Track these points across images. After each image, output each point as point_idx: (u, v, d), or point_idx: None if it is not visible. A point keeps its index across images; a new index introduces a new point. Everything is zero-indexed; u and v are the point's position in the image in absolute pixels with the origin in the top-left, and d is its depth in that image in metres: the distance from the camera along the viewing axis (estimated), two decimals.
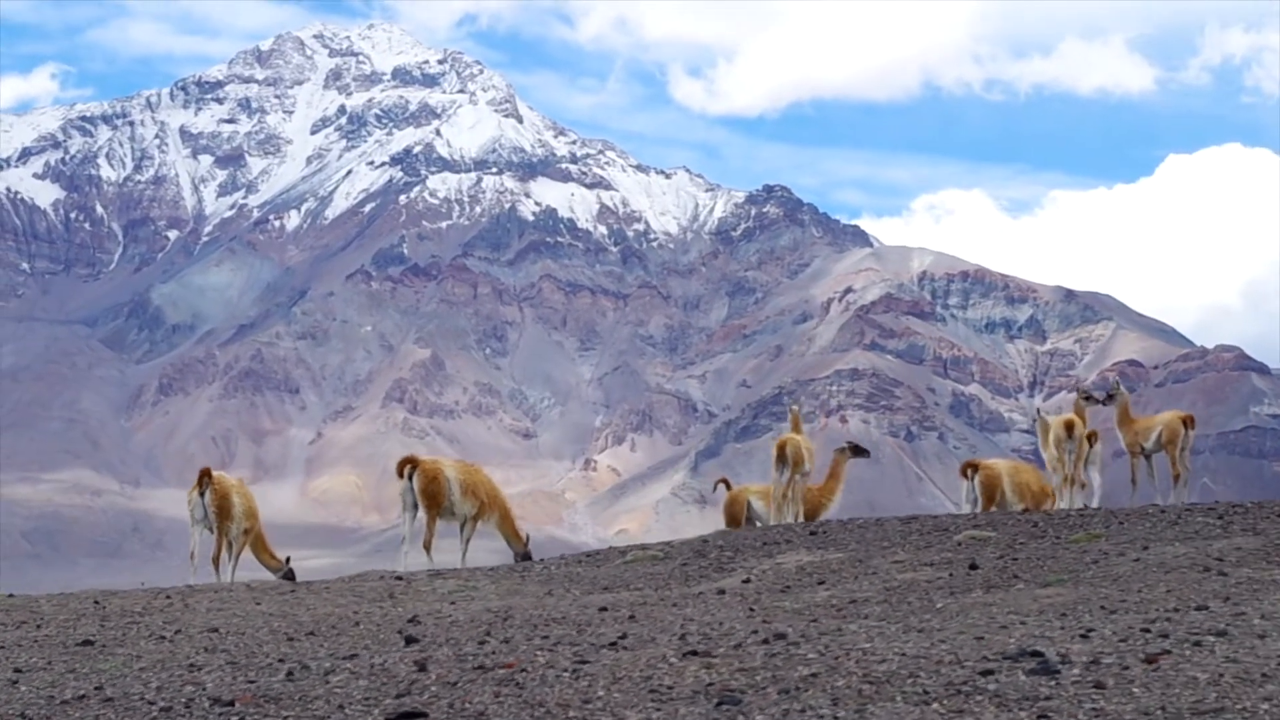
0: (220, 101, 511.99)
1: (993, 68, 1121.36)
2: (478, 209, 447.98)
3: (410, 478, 24.31)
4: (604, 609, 15.46)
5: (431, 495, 24.22)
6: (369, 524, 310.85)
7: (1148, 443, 26.83)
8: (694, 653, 11.33)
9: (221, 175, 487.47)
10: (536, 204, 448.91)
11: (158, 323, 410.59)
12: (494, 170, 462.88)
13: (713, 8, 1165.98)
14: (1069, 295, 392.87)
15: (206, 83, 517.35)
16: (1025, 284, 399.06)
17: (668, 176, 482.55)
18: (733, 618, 14.07)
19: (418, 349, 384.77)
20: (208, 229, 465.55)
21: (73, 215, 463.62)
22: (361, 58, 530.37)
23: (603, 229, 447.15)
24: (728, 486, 29.30)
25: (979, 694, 9.37)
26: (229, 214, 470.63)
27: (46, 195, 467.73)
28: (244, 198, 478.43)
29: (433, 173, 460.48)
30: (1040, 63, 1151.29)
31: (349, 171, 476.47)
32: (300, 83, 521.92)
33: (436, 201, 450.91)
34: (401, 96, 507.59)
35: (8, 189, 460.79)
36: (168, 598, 18.88)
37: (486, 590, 18.58)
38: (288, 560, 26.00)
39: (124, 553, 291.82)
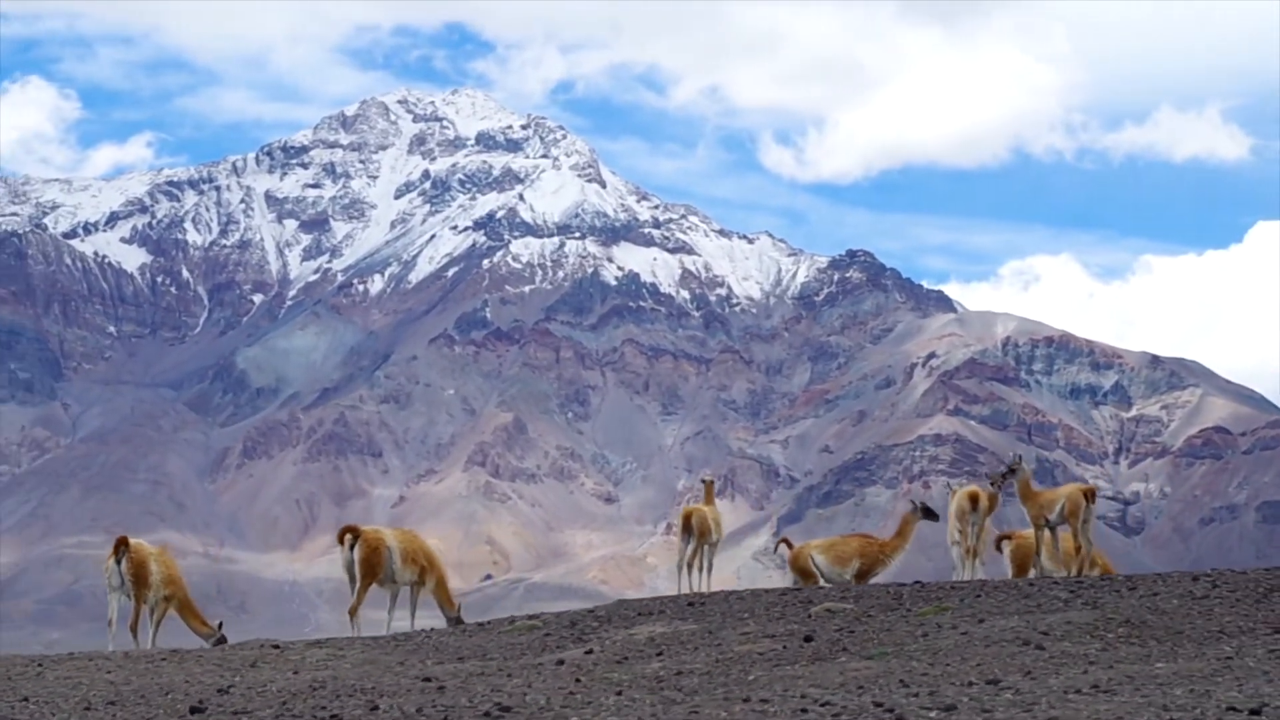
0: (305, 166, 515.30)
1: (1085, 137, 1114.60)
2: (560, 273, 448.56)
3: (352, 547, 24.75)
4: (428, 679, 16.01)
5: (371, 565, 24.71)
6: (450, 585, 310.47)
7: (1051, 515, 27.32)
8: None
9: (306, 240, 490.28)
10: (619, 268, 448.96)
11: (242, 386, 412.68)
12: (577, 235, 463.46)
13: (805, 77, 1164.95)
14: (1155, 361, 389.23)
15: (292, 148, 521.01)
16: (1111, 349, 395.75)
17: (750, 241, 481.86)
18: (548, 690, 14.60)
19: (500, 413, 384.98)
20: (292, 293, 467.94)
21: (159, 279, 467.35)
22: (445, 123, 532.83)
23: (685, 293, 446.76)
24: (789, 546, 29.77)
25: None
26: (313, 278, 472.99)
27: (133, 259, 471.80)
28: (328, 262, 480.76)
29: (516, 237, 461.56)
30: (1133, 131, 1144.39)
31: (432, 236, 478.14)
32: (384, 148, 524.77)
33: (519, 266, 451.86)
34: (485, 161, 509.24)
35: (95, 253, 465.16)
36: (39, 665, 19.56)
37: (350, 658, 19.00)
38: (219, 626, 26.15)
39: (208, 614, 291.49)
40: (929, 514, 29.70)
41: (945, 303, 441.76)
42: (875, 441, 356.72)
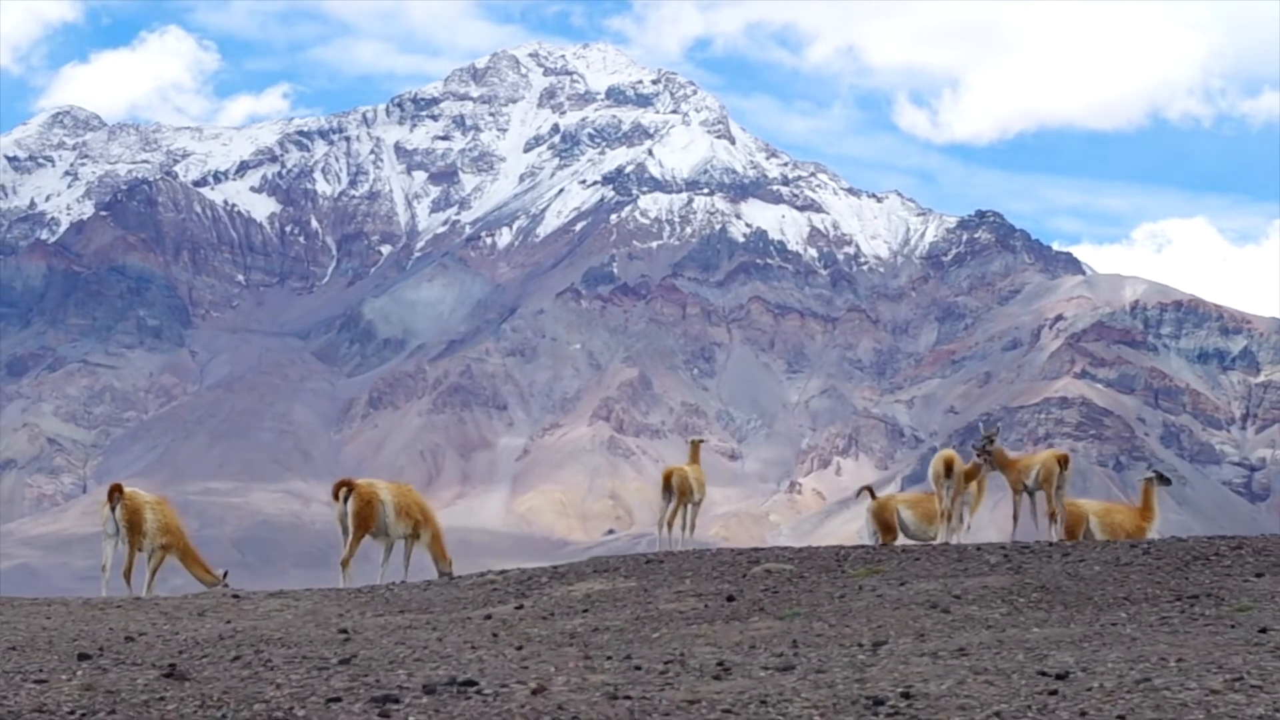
0: (435, 118, 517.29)
1: (1223, 103, 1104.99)
2: (688, 229, 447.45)
3: (345, 500, 24.75)
4: (344, 631, 16.32)
5: (363, 518, 24.83)
6: (574, 539, 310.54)
7: (1028, 480, 27.29)
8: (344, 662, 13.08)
9: (435, 191, 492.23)
10: (747, 225, 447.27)
11: (369, 337, 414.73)
12: (705, 191, 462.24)
13: (942, 37, 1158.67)
14: None
15: (422, 99, 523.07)
16: (1240, 315, 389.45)
17: (879, 200, 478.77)
18: (456, 643, 15.03)
19: (625, 368, 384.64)
20: (420, 245, 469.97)
21: (288, 229, 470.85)
22: (576, 77, 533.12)
23: (813, 251, 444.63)
24: (872, 495, 29.43)
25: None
26: (441, 230, 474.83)
27: (263, 208, 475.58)
28: (457, 214, 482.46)
29: (644, 192, 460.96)
30: (1272, 97, 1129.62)
31: (561, 190, 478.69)
32: (514, 101, 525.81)
33: (647, 221, 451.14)
34: (614, 116, 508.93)
35: (225, 201, 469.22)
36: None
37: (299, 609, 19.23)
38: (225, 575, 26.28)
39: (331, 563, 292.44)
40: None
41: (1074, 265, 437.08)
42: (1001, 403, 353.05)
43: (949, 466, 26.99)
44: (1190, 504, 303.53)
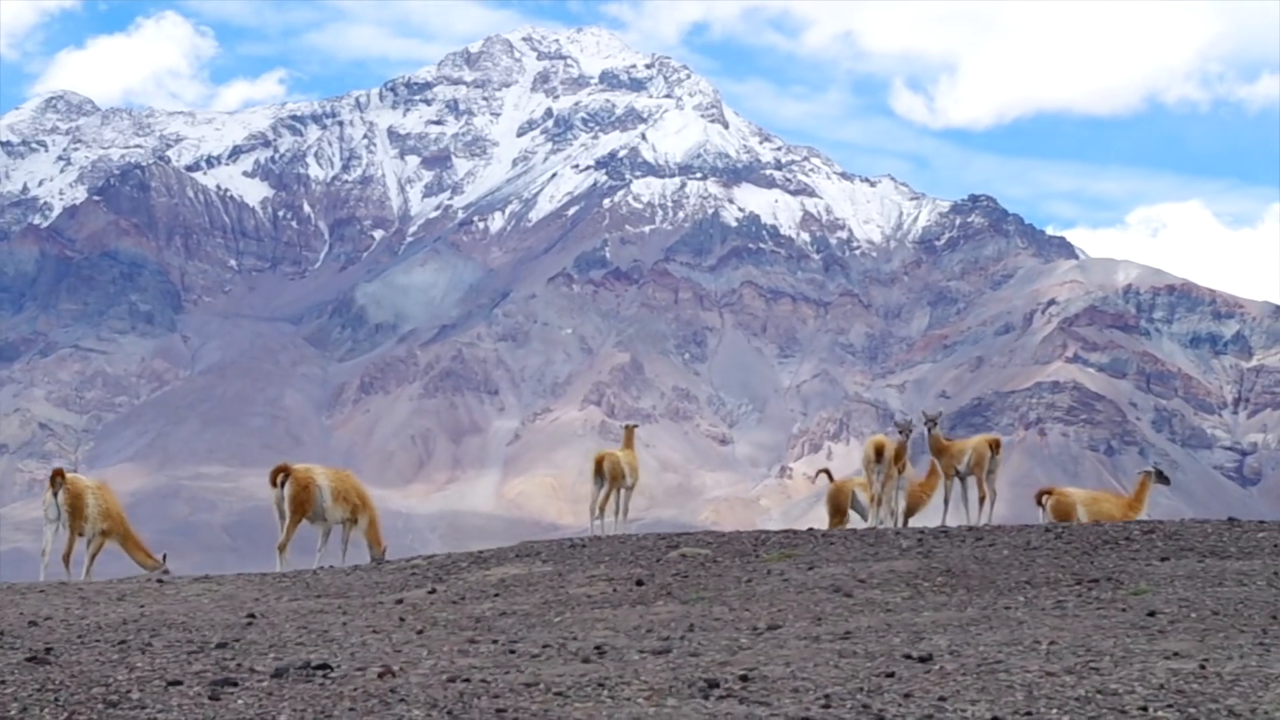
0: (428, 103, 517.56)
1: (1220, 88, 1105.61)
2: (681, 214, 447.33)
3: (282, 485, 24.72)
4: (251, 616, 16.22)
5: (300, 502, 24.77)
6: (565, 523, 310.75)
7: (960, 465, 27.68)
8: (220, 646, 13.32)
9: (427, 176, 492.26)
10: (740, 210, 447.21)
11: (361, 322, 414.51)
12: (698, 175, 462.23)
13: (939, 22, 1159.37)
14: (1277, 311, 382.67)
15: (415, 84, 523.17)
16: (1232, 299, 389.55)
17: (872, 185, 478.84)
18: (360, 628, 15.03)
19: (617, 353, 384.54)
20: (412, 229, 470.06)
21: (280, 213, 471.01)
22: (569, 61, 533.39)
23: (805, 236, 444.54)
24: (830, 478, 30.02)
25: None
26: (434, 215, 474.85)
27: (255, 193, 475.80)
28: (449, 199, 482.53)
29: (637, 177, 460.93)
30: (1270, 83, 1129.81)
31: (554, 174, 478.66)
32: (508, 85, 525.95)
33: (640, 206, 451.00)
34: (608, 100, 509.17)
35: (218, 186, 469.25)
36: None
37: (221, 593, 19.20)
38: (164, 559, 26.59)
39: (319, 549, 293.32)
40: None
41: (1066, 249, 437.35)
42: (993, 388, 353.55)
43: (879, 452, 27.05)
44: (1181, 489, 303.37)
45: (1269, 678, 10.60)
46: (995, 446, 27.79)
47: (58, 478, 25.02)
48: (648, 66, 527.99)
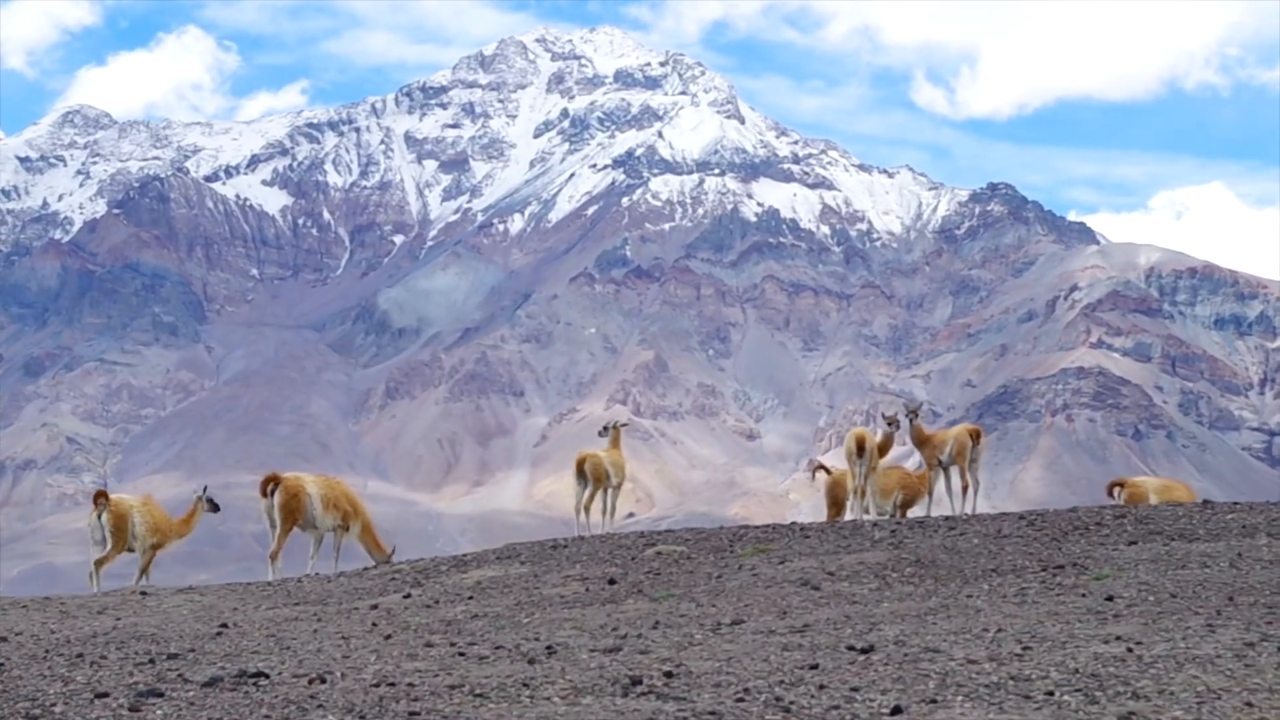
0: (444, 107, 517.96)
1: (1241, 73, 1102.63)
2: (700, 210, 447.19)
3: (272, 494, 24.99)
4: (224, 625, 16.33)
5: (290, 511, 25.04)
6: (595, 521, 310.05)
7: (942, 456, 27.85)
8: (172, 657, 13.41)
9: (446, 180, 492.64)
10: (759, 205, 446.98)
11: (384, 327, 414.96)
12: (716, 172, 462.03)
13: (959, 14, 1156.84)
14: None
15: (431, 88, 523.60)
16: (1255, 280, 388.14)
17: (890, 176, 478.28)
18: (328, 634, 15.11)
19: (641, 350, 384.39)
20: (432, 233, 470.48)
21: (300, 221, 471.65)
22: (583, 61, 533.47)
23: (825, 229, 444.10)
24: (827, 472, 30.43)
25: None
26: (453, 218, 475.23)
27: (275, 202, 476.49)
28: (468, 202, 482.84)
29: (655, 175, 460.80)
30: None
31: (572, 175, 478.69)
32: (523, 87, 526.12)
33: (659, 203, 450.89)
34: (623, 99, 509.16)
35: (237, 195, 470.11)
36: None
37: (202, 604, 19.36)
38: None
39: (352, 555, 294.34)
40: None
41: (1087, 235, 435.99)
42: (1017, 375, 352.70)
43: (861, 444, 27.36)
44: (1210, 470, 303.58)
45: (1190, 659, 10.79)
46: (976, 436, 27.90)
47: (100, 499, 25.39)
48: (662, 64, 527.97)
